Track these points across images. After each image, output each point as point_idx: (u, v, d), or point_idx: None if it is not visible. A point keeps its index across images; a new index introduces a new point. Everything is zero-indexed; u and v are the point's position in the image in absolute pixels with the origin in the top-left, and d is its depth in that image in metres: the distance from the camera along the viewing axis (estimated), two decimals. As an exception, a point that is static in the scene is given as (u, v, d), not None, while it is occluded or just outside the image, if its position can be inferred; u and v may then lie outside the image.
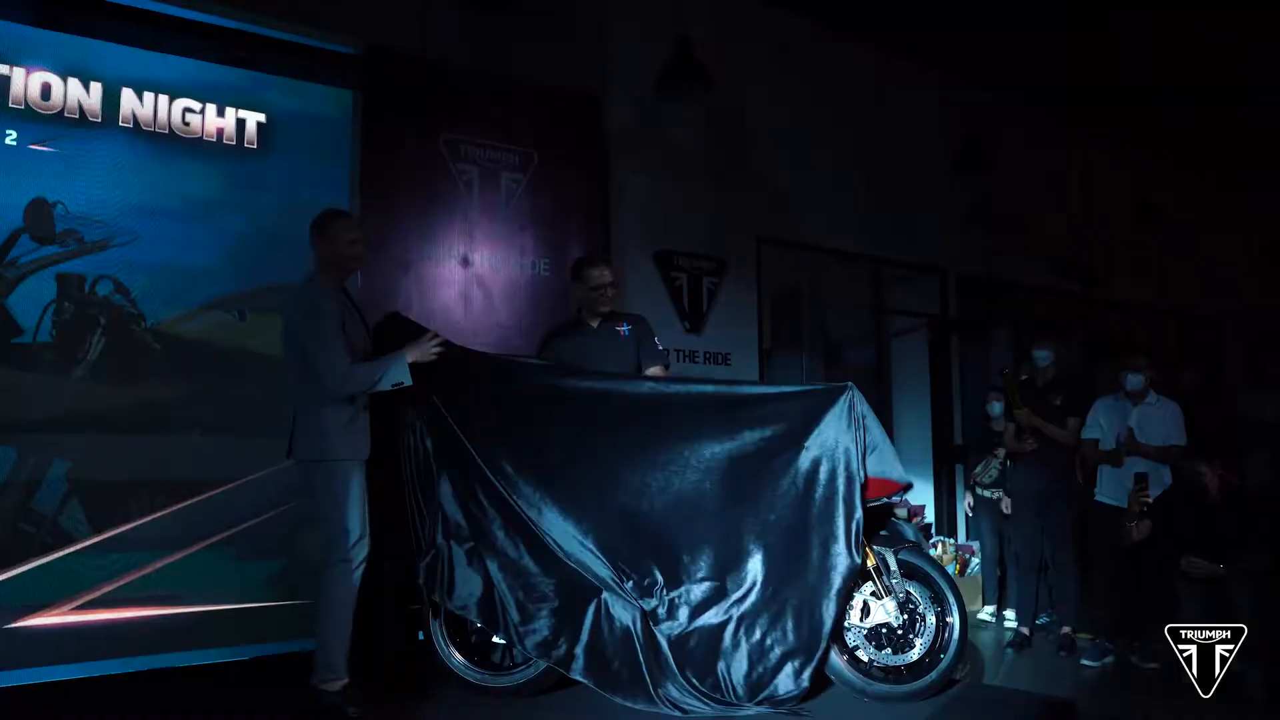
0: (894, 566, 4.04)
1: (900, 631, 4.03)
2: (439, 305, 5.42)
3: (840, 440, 3.89)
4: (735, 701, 3.77)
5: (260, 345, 4.74)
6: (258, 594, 4.60)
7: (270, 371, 4.54)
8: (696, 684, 3.79)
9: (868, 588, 4.02)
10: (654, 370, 4.63)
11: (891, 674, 4.01)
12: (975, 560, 7.14)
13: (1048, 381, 6.03)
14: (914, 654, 4.01)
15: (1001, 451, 6.56)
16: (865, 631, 4.02)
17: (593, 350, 4.62)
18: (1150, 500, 5.20)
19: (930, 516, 8.02)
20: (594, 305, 4.73)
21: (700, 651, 3.85)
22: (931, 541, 7.41)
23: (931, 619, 4.05)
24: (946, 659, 4.00)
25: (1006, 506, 6.52)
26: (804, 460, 3.92)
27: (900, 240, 8.12)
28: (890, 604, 4.00)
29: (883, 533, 4.22)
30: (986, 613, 6.77)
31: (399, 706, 3.87)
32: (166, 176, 4.68)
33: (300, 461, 3.90)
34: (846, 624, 4.02)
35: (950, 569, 6.70)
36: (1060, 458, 5.94)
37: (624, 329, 4.73)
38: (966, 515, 7.44)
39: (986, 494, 6.78)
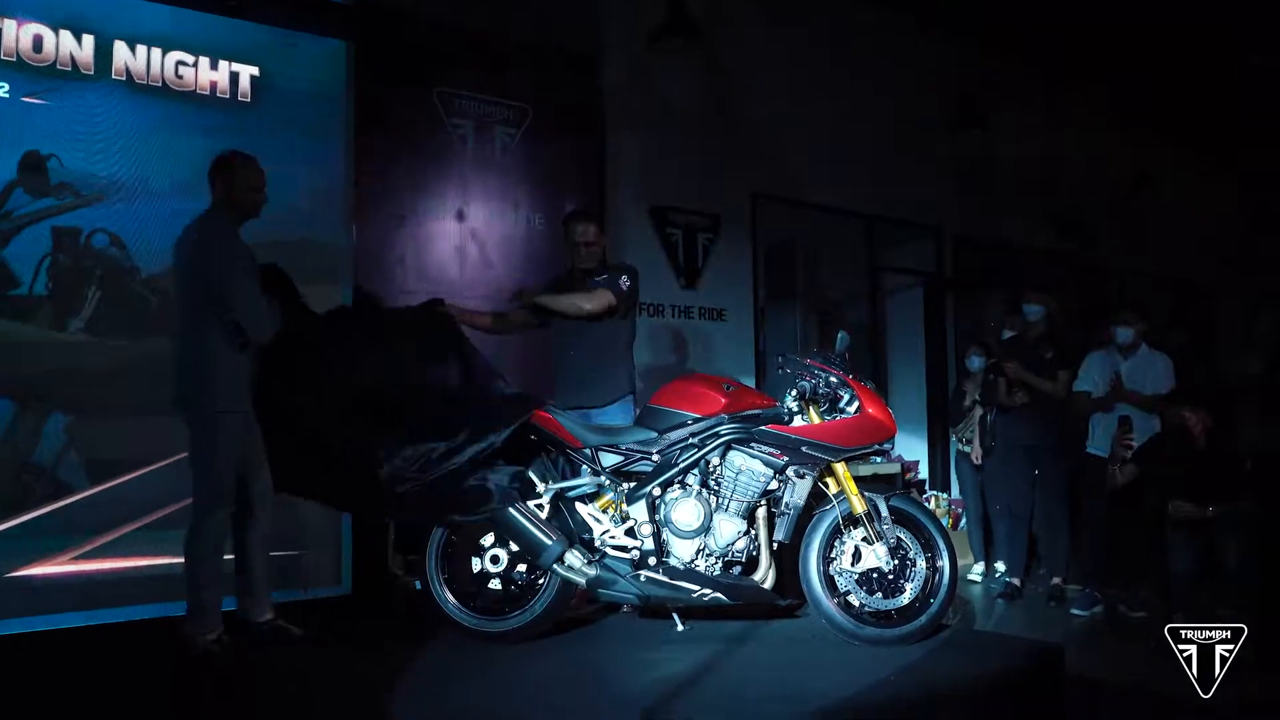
0: (885, 512, 4.07)
1: (891, 577, 4.06)
2: (434, 259, 5.44)
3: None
4: None
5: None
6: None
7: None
8: None
9: (859, 533, 4.06)
10: (595, 293, 4.54)
11: (882, 618, 4.04)
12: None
13: (1038, 336, 6.06)
14: (904, 598, 4.05)
15: (978, 407, 6.63)
16: (856, 576, 4.05)
17: None
18: (1133, 444, 5.25)
19: (924, 472, 8.08)
20: (577, 260, 4.71)
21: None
22: (925, 496, 7.48)
23: (922, 564, 4.08)
24: (936, 603, 4.04)
25: (976, 458, 6.58)
26: None
27: (896, 198, 8.12)
28: (881, 549, 4.03)
29: None
30: (975, 572, 6.83)
31: (394, 651, 3.91)
32: (160, 129, 4.67)
33: (186, 410, 3.82)
34: (838, 569, 4.06)
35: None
36: (1050, 412, 5.98)
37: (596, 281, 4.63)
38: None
39: (966, 449, 6.83)
